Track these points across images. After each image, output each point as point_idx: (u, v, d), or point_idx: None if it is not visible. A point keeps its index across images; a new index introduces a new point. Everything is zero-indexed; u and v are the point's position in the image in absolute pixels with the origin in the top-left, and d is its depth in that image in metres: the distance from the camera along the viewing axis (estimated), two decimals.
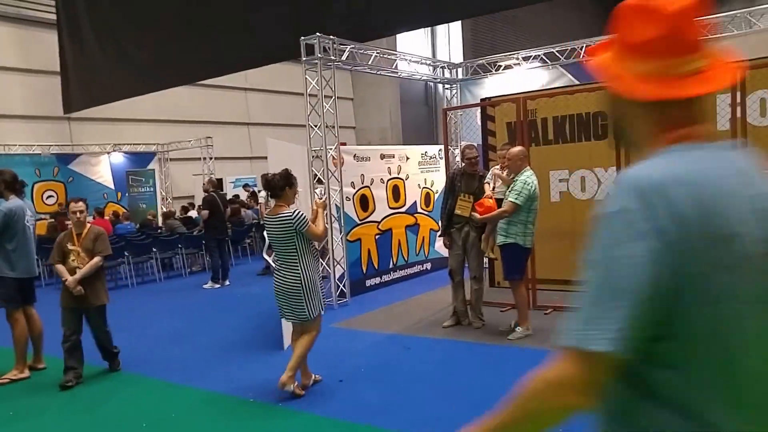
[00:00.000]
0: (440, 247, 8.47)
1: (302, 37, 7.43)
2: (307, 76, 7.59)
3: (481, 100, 8.64)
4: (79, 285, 5.01)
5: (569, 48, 9.65)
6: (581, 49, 9.48)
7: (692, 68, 1.07)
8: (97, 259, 5.14)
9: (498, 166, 6.49)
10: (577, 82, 9.31)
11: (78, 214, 5.18)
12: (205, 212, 9.79)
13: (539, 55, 9.98)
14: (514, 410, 1.08)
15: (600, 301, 0.99)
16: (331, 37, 7.59)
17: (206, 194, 9.98)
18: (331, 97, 7.67)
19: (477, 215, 5.80)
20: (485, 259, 6.59)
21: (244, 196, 14.76)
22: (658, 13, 1.06)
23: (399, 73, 9.98)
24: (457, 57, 20.79)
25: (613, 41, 1.14)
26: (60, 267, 5.12)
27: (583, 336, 0.99)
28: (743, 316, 1.01)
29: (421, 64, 10.30)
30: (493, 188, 6.33)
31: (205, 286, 9.69)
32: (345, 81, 18.83)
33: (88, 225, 5.32)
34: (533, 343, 5.50)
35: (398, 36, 17.55)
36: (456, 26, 21.62)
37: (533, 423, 1.07)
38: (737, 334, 1.01)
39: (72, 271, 5.07)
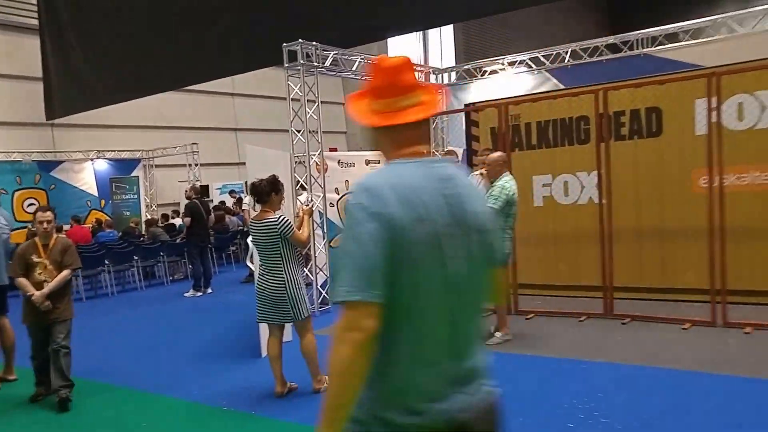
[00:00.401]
0: None
1: (284, 44, 7.37)
2: (289, 82, 7.54)
3: (466, 105, 8.60)
4: (47, 300, 4.74)
5: (555, 53, 9.64)
6: (567, 53, 9.48)
7: (406, 104, 1.54)
8: (66, 272, 4.87)
9: (478, 171, 6.43)
10: (562, 87, 9.29)
11: (45, 225, 4.84)
12: (187, 219, 9.67)
13: (525, 60, 9.97)
14: (330, 378, 1.40)
15: (353, 265, 1.39)
16: (314, 43, 7.54)
17: (188, 201, 9.87)
18: (315, 102, 7.61)
19: None
20: None
21: (230, 202, 14.63)
22: (380, 68, 1.57)
23: None
24: (449, 60, 20.77)
25: (366, 89, 1.62)
26: (23, 280, 4.78)
27: (346, 291, 1.37)
28: (434, 277, 1.45)
29: None
30: None
31: (186, 295, 9.56)
32: (336, 85, 18.77)
33: (55, 236, 5.01)
34: (513, 348, 5.45)
35: (390, 40, 17.49)
36: (448, 29, 21.61)
37: (344, 377, 1.38)
38: (431, 290, 1.44)
39: (39, 285, 4.76)
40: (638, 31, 8.93)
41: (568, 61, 9.49)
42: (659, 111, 6.56)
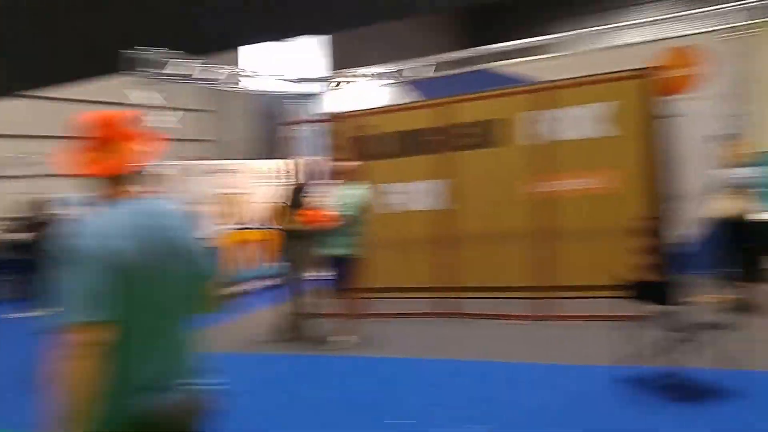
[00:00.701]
0: (284, 261, 8.34)
1: (121, 51, 7.07)
2: (128, 90, 7.25)
3: (325, 115, 8.72)
4: None
5: (418, 65, 10.05)
6: (428, 66, 9.93)
7: (115, 155, 1.81)
8: None
9: (333, 181, 6.55)
10: (423, 99, 9.67)
11: None
12: (24, 234, 8.99)
13: (388, 72, 10.30)
14: (67, 391, 1.56)
15: (80, 292, 1.63)
16: (154, 50, 7.28)
17: (26, 215, 9.19)
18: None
19: (305, 225, 5.82)
20: (321, 271, 6.59)
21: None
22: (92, 124, 1.84)
23: (239, 87, 9.75)
24: (321, 68, 20.78)
25: (84, 142, 1.85)
26: None
27: (75, 315, 1.61)
28: (148, 296, 1.73)
29: (256, 77, 10.11)
30: (326, 202, 6.36)
31: (16, 315, 8.83)
32: (203, 93, 18.08)
33: None
34: (366, 352, 5.62)
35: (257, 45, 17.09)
36: (322, 38, 21.57)
37: (81, 388, 1.57)
38: (146, 308, 1.73)
39: None
40: (488, 46, 9.59)
41: (434, 72, 9.95)
42: (501, 122, 7.04)
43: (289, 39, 11.39)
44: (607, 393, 4.29)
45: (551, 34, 9.64)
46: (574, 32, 9.47)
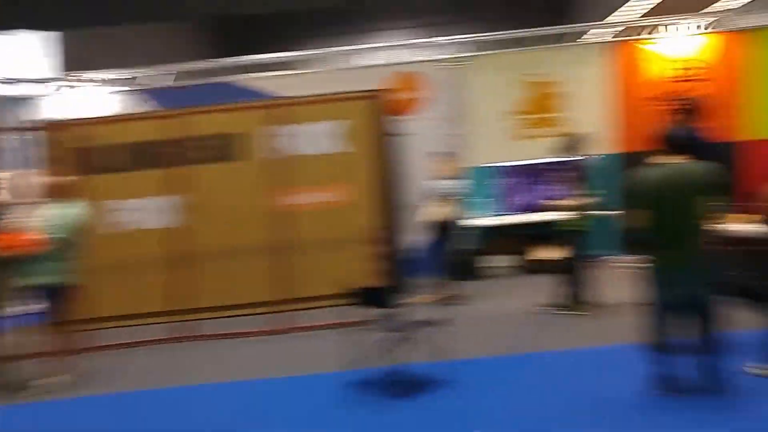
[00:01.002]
0: None
1: None
2: None
3: (42, 122, 7.65)
4: None
5: (156, 73, 9.41)
6: (168, 74, 9.36)
7: None
8: None
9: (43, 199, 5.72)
10: (160, 109, 9.09)
11: None
12: None
13: (122, 78, 9.48)
14: None
15: None
16: None
17: None
18: None
19: (3, 251, 5.01)
20: (25, 304, 5.68)
21: None
22: None
23: None
24: (44, 69, 18.35)
25: None
26: None
27: None
28: None
29: None
30: (31, 223, 5.53)
31: None
32: None
33: None
34: (83, 391, 5.01)
35: None
36: (48, 35, 19.08)
37: None
38: None
39: None
40: (232, 59, 9.45)
41: (173, 82, 9.41)
42: (240, 136, 6.94)
43: (6, 33, 9.83)
44: (339, 398, 4.44)
45: (296, 51, 9.92)
46: (317, 51, 9.87)
